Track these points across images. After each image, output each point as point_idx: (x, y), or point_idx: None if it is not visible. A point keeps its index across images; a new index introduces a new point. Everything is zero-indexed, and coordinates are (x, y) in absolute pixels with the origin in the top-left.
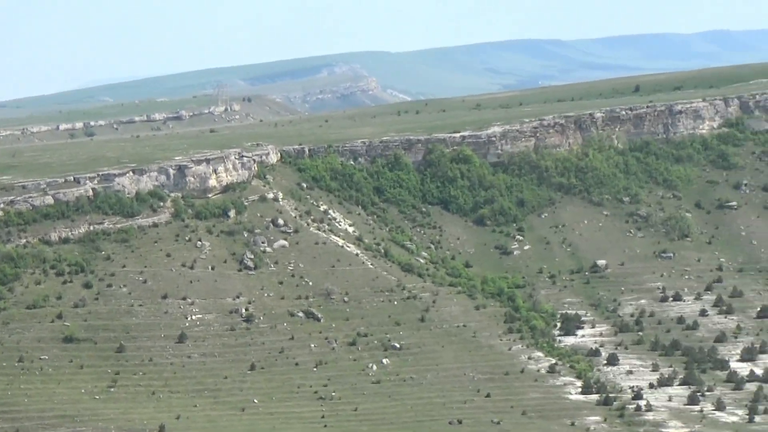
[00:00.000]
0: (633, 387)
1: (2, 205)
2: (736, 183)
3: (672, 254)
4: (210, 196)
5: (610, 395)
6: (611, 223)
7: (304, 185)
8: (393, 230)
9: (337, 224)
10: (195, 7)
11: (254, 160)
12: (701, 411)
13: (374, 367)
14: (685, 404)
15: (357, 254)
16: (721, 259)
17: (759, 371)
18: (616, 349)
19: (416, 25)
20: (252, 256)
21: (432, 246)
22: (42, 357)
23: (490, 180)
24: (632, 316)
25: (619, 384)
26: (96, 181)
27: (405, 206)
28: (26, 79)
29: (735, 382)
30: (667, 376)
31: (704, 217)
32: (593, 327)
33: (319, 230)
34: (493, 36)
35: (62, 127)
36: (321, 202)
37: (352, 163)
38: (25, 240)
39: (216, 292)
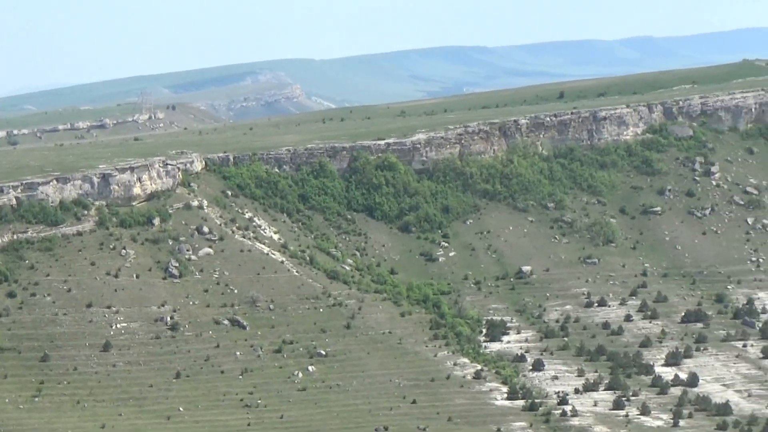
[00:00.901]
0: (558, 392)
1: None
2: (660, 189)
3: (597, 260)
4: (134, 204)
5: (536, 401)
6: (536, 229)
7: (229, 193)
8: (318, 237)
9: (262, 232)
10: (118, 14)
11: (179, 168)
12: (626, 416)
13: (300, 375)
14: (610, 409)
15: (282, 261)
16: (646, 265)
17: (683, 376)
18: (542, 354)
19: (340, 32)
20: (177, 264)
21: (357, 253)
22: None
23: (415, 187)
24: (557, 321)
25: (544, 389)
26: (19, 190)
27: (330, 213)
28: None
29: (660, 386)
30: (592, 381)
31: (629, 223)
32: (519, 333)
33: (244, 238)
34: (418, 43)
35: None
36: (246, 210)
37: (276, 170)
38: None
39: (141, 301)
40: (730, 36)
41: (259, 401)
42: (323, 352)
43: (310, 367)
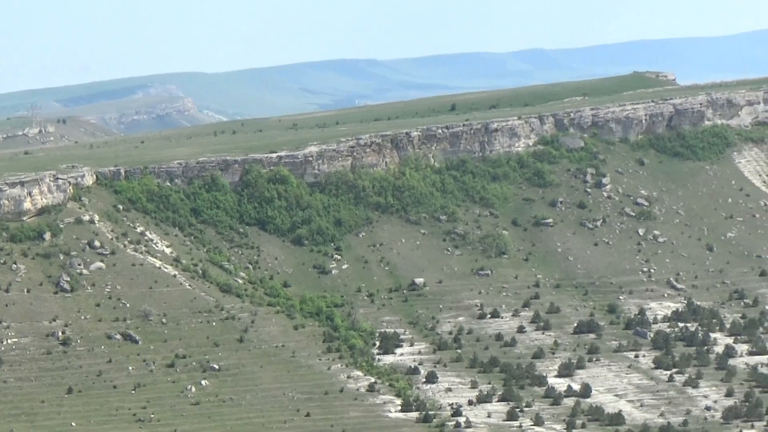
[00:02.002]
0: (452, 404)
1: None
2: (551, 200)
3: (489, 271)
4: (25, 218)
5: (430, 413)
6: (429, 241)
7: (121, 207)
8: (211, 251)
9: (154, 246)
10: (6, 28)
11: (69, 183)
12: (520, 427)
13: (193, 389)
14: (504, 420)
15: (175, 275)
16: (538, 276)
17: (576, 386)
18: (435, 366)
19: (231, 45)
20: (68, 279)
21: (250, 266)
22: None
23: (308, 200)
24: (451, 333)
25: (438, 401)
26: None
27: (222, 227)
28: None
29: (553, 397)
30: (485, 392)
31: (521, 234)
32: (412, 345)
33: (136, 252)
34: (309, 56)
35: None
36: (138, 224)
37: (168, 184)
38: None
39: (32, 315)
40: (620, 48)
41: (152, 416)
42: (216, 366)
43: (203, 381)
